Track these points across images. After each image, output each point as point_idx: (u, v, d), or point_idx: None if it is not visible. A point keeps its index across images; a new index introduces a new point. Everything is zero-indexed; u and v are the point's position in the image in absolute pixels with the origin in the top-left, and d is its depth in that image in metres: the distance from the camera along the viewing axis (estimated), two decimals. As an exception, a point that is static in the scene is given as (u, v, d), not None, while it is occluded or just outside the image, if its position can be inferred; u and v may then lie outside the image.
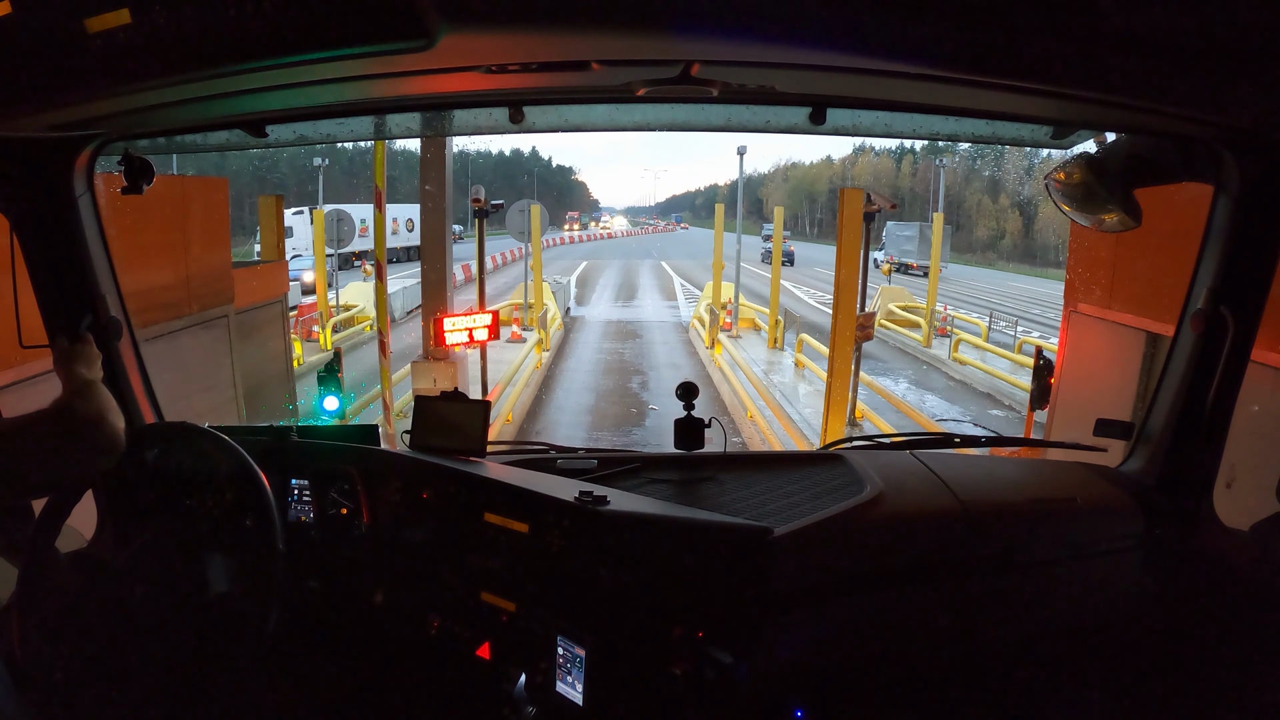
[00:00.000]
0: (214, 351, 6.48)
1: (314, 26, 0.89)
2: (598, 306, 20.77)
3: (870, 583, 1.47)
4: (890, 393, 10.28)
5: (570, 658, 1.32)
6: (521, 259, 18.22)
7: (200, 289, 6.28)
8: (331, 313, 14.15)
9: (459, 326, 7.68)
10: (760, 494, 1.61)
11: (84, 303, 1.58)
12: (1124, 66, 0.96)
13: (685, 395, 1.69)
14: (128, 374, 1.68)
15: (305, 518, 1.63)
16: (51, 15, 0.90)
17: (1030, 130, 1.57)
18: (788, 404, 9.82)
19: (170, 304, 5.86)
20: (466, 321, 7.73)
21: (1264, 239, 1.42)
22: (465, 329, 7.70)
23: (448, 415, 1.66)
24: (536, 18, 0.88)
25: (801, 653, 1.41)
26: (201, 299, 6.27)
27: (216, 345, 6.49)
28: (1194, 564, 1.57)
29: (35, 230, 1.51)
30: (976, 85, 1.12)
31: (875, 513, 1.50)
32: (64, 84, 1.00)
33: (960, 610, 1.50)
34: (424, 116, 1.64)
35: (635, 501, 1.46)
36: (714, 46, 1.02)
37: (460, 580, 1.48)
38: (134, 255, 5.36)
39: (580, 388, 11.46)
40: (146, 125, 1.44)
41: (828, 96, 1.44)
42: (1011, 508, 1.59)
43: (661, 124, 1.67)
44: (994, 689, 1.52)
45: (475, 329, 7.74)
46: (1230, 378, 1.50)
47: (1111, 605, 1.58)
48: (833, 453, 1.80)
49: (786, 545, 1.39)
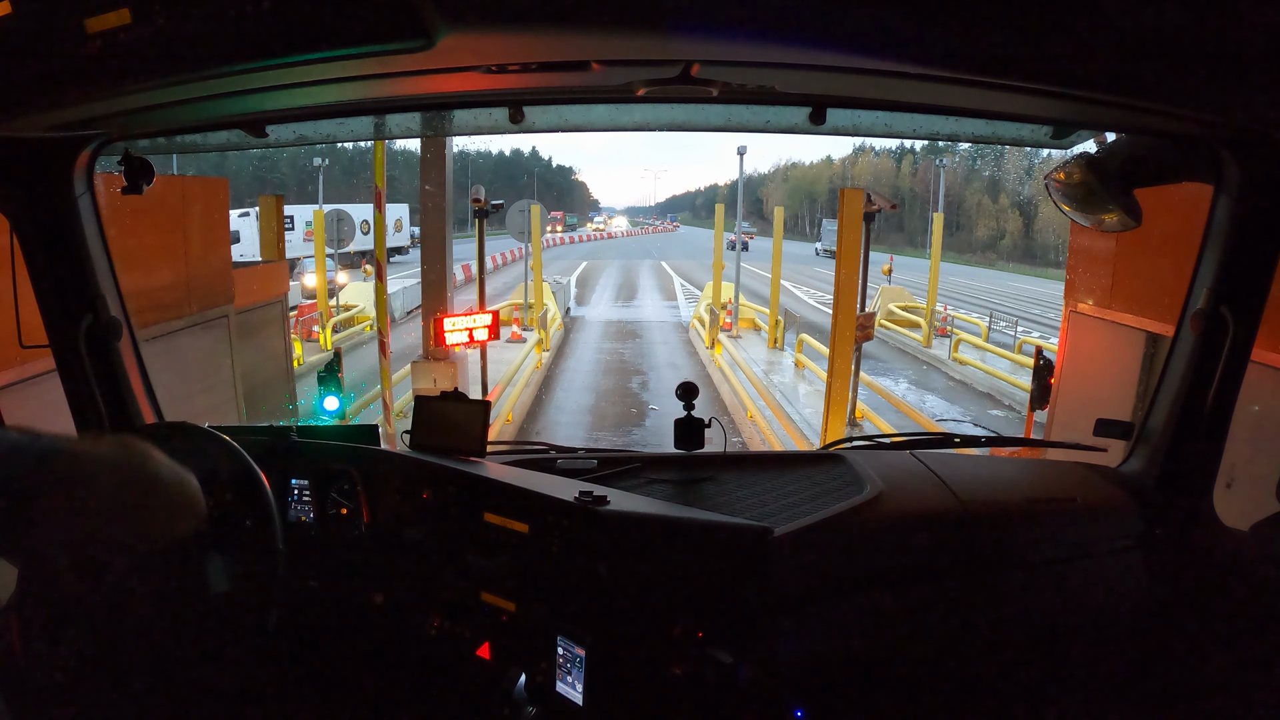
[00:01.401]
0: (214, 352, 6.47)
1: (314, 26, 0.89)
2: (598, 306, 20.75)
3: (870, 583, 1.47)
4: (890, 393, 10.27)
5: (570, 658, 1.32)
6: (521, 259, 18.03)
7: (200, 289, 6.28)
8: (331, 313, 14.12)
9: (459, 327, 7.65)
10: (760, 494, 1.61)
11: (84, 303, 1.58)
12: (1124, 66, 0.96)
13: (685, 395, 1.69)
14: (128, 374, 1.68)
15: (305, 518, 1.63)
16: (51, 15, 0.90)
17: (1030, 130, 1.57)
18: (788, 404, 9.82)
19: (170, 304, 5.86)
20: (466, 322, 7.70)
21: (1264, 239, 1.42)
22: (465, 329, 7.67)
23: (448, 415, 1.66)
24: (536, 18, 0.88)
25: (801, 653, 1.41)
26: (201, 299, 6.27)
27: (217, 345, 6.50)
28: (1194, 564, 1.57)
29: (35, 230, 1.51)
30: (976, 85, 1.12)
31: (875, 513, 1.50)
32: (64, 84, 1.00)
33: (960, 610, 1.50)
34: (424, 116, 1.64)
35: (635, 501, 1.46)
36: (714, 46, 1.02)
37: (460, 580, 1.48)
38: (134, 255, 5.37)
39: (580, 388, 11.41)
40: (146, 125, 1.44)
41: (828, 96, 1.44)
42: (1011, 508, 1.59)
43: (661, 124, 1.68)
44: (994, 689, 1.52)
45: (475, 329, 7.71)
46: (1230, 378, 1.50)
47: (1111, 605, 1.58)
48: (833, 453, 1.80)
49: (786, 545, 1.39)
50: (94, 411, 1.62)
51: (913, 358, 14.04)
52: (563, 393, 11.06)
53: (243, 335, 6.95)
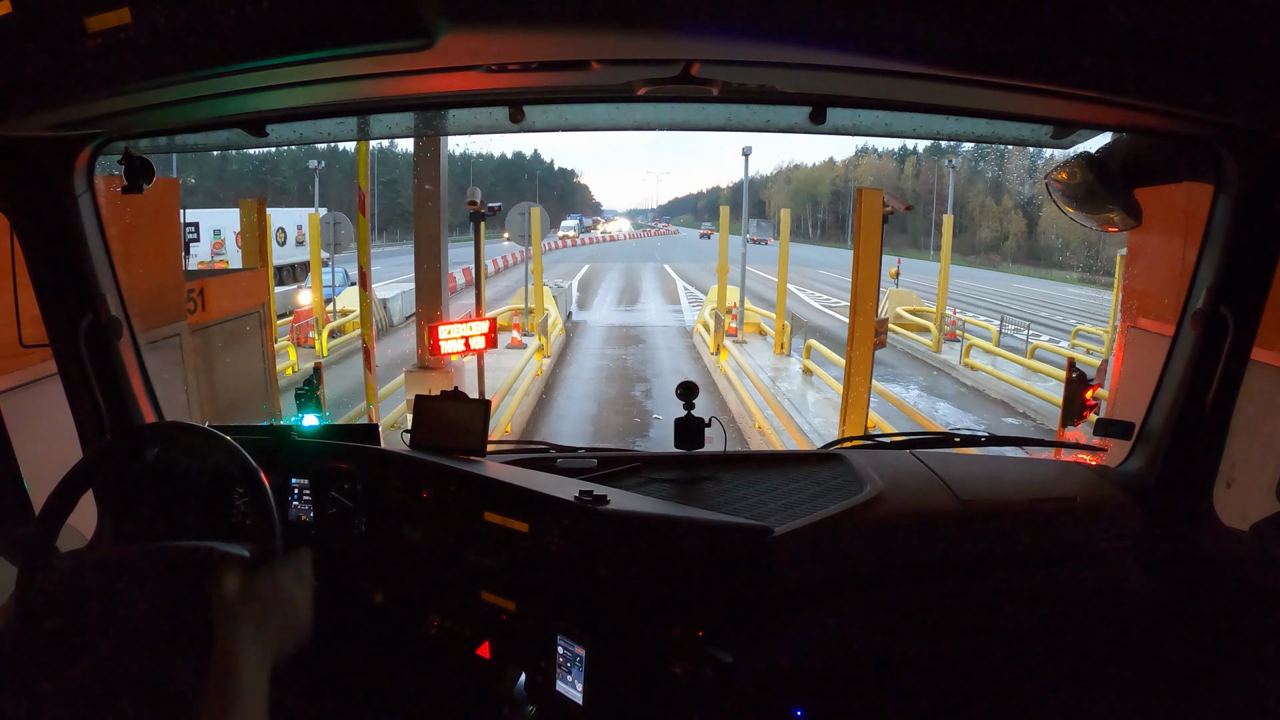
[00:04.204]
0: (159, 380, 5.49)
1: (314, 26, 0.89)
2: (600, 310, 20.38)
3: (870, 582, 1.47)
4: (902, 400, 10.02)
5: (570, 657, 1.32)
6: (522, 262, 17.52)
7: (143, 307, 5.35)
8: (329, 319, 13.93)
9: (455, 334, 7.16)
10: (760, 494, 1.61)
11: (84, 302, 1.58)
12: (1124, 66, 0.96)
13: (685, 395, 1.69)
14: (128, 374, 1.68)
15: (305, 517, 1.63)
16: (51, 15, 0.90)
17: (1030, 130, 1.57)
18: (796, 413, 9.57)
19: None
20: (462, 329, 7.24)
21: (1264, 239, 1.42)
22: (461, 337, 7.19)
23: (448, 414, 1.66)
24: (536, 17, 0.88)
25: (801, 653, 1.41)
26: (144, 319, 5.38)
27: (165, 371, 5.55)
28: (1194, 564, 1.57)
29: (35, 230, 1.51)
30: (977, 85, 1.12)
31: (875, 512, 1.49)
32: (64, 84, 1.00)
33: (960, 610, 1.50)
34: (424, 116, 1.65)
35: (635, 501, 1.46)
36: (714, 46, 1.02)
37: (460, 579, 1.48)
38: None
39: (582, 396, 11.14)
40: (146, 125, 1.44)
41: (828, 96, 1.45)
42: (1011, 508, 1.59)
43: (662, 124, 1.68)
44: (994, 689, 1.52)
45: (472, 337, 7.24)
46: (1230, 378, 1.49)
47: (1111, 605, 1.58)
48: (833, 452, 1.80)
49: (786, 545, 1.39)
50: (94, 411, 1.62)
51: (923, 363, 13.70)
52: (564, 401, 10.90)
53: (213, 350, 6.33)
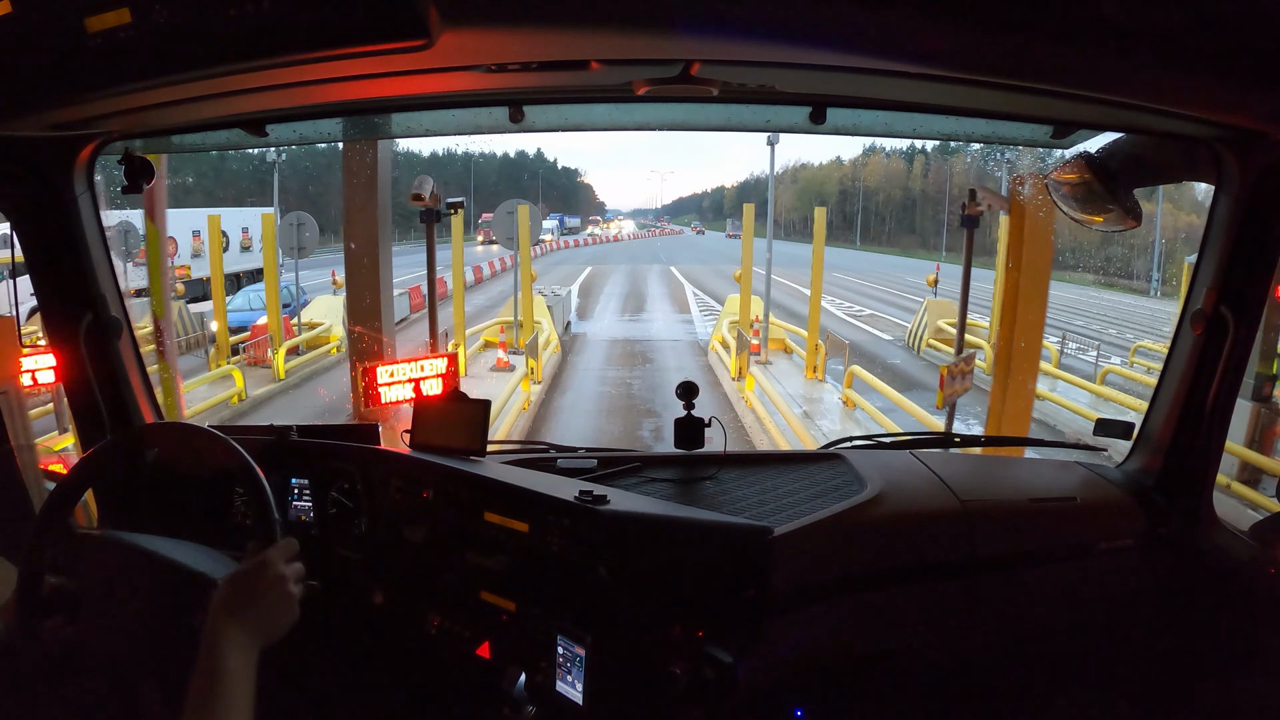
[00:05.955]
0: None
1: (313, 26, 0.89)
2: (602, 320, 18.40)
3: (870, 583, 1.47)
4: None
5: (570, 657, 1.32)
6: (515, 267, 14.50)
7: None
8: (293, 332, 12.08)
9: (400, 377, 5.11)
10: (760, 494, 1.61)
11: (84, 303, 1.58)
12: (1124, 66, 0.96)
13: (685, 394, 1.69)
14: (128, 374, 1.68)
15: (305, 517, 1.63)
16: (51, 15, 0.90)
17: (1030, 130, 1.57)
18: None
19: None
20: (409, 370, 5.14)
21: (1264, 239, 1.42)
22: (409, 380, 5.10)
23: (448, 415, 1.66)
24: (536, 17, 0.88)
25: (801, 653, 1.41)
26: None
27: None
28: (1194, 564, 1.57)
29: (35, 230, 1.51)
30: (977, 85, 1.12)
31: (875, 512, 1.49)
32: (64, 84, 1.00)
33: (960, 610, 1.50)
34: (424, 116, 1.64)
35: (635, 501, 1.46)
36: (714, 46, 1.02)
37: (460, 580, 1.48)
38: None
39: (577, 437, 8.82)
40: (146, 125, 1.44)
41: (828, 96, 1.45)
42: (1011, 508, 1.59)
43: (662, 123, 1.68)
44: (994, 689, 1.52)
45: (424, 379, 5.13)
46: (1230, 378, 1.50)
47: (1112, 605, 1.58)
48: (833, 452, 1.80)
49: (786, 545, 1.39)
50: (94, 411, 1.62)
51: (975, 388, 10.79)
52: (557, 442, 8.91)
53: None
